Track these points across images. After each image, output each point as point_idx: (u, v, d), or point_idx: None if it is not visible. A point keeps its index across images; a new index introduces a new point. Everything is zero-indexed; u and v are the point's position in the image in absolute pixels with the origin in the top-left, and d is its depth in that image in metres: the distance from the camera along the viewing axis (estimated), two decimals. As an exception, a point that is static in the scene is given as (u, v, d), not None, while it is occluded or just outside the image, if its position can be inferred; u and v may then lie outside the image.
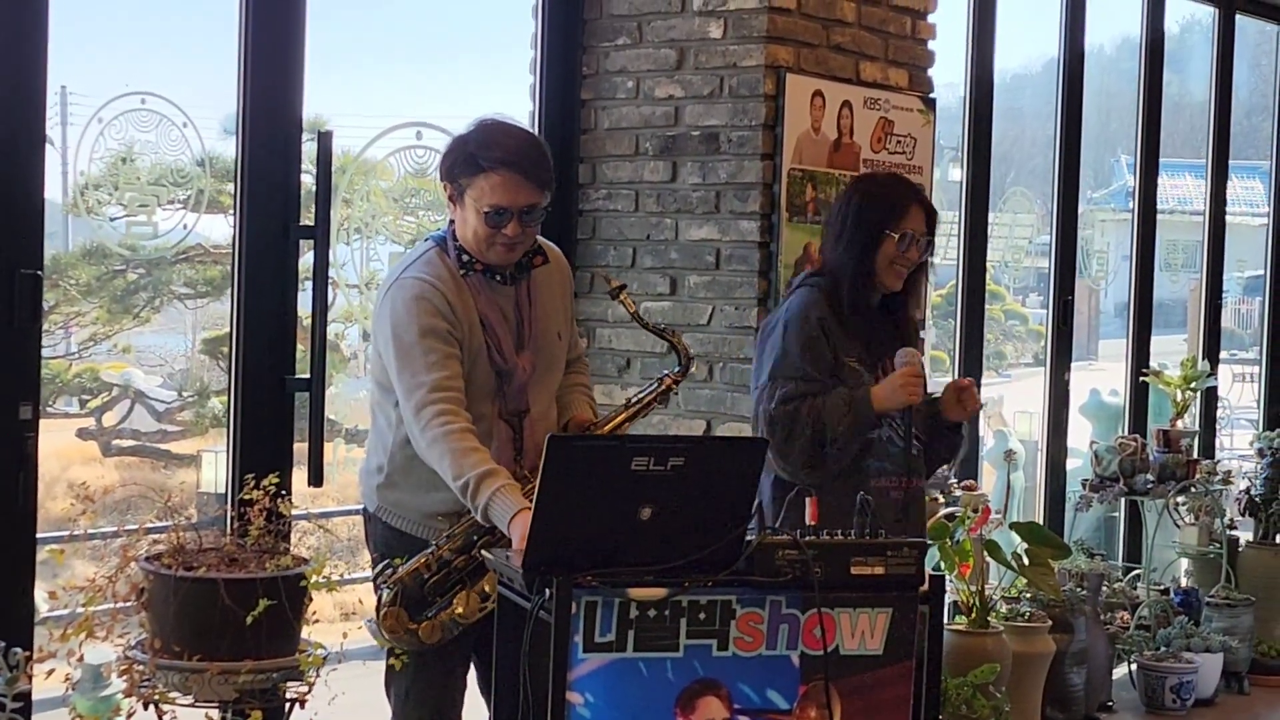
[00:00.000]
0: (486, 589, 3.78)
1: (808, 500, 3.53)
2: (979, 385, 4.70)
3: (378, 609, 3.80)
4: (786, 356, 4.34)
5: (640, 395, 4.09)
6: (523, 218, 3.88)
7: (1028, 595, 6.02)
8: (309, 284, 4.69)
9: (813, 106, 5.41)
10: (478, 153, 3.88)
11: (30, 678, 3.45)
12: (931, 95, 5.92)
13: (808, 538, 3.46)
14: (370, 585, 4.02)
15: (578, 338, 4.29)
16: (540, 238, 4.12)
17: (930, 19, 5.91)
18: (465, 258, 3.94)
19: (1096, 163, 11.35)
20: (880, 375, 4.36)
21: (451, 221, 4.00)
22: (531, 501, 3.60)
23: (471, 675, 4.14)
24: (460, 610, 3.79)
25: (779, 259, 5.32)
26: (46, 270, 4.31)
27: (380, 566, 3.87)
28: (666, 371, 4.11)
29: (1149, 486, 6.90)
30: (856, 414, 4.24)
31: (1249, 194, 11.32)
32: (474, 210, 3.87)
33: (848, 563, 3.46)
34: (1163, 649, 6.49)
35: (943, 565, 5.12)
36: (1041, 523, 6.87)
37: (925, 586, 3.54)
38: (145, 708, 3.51)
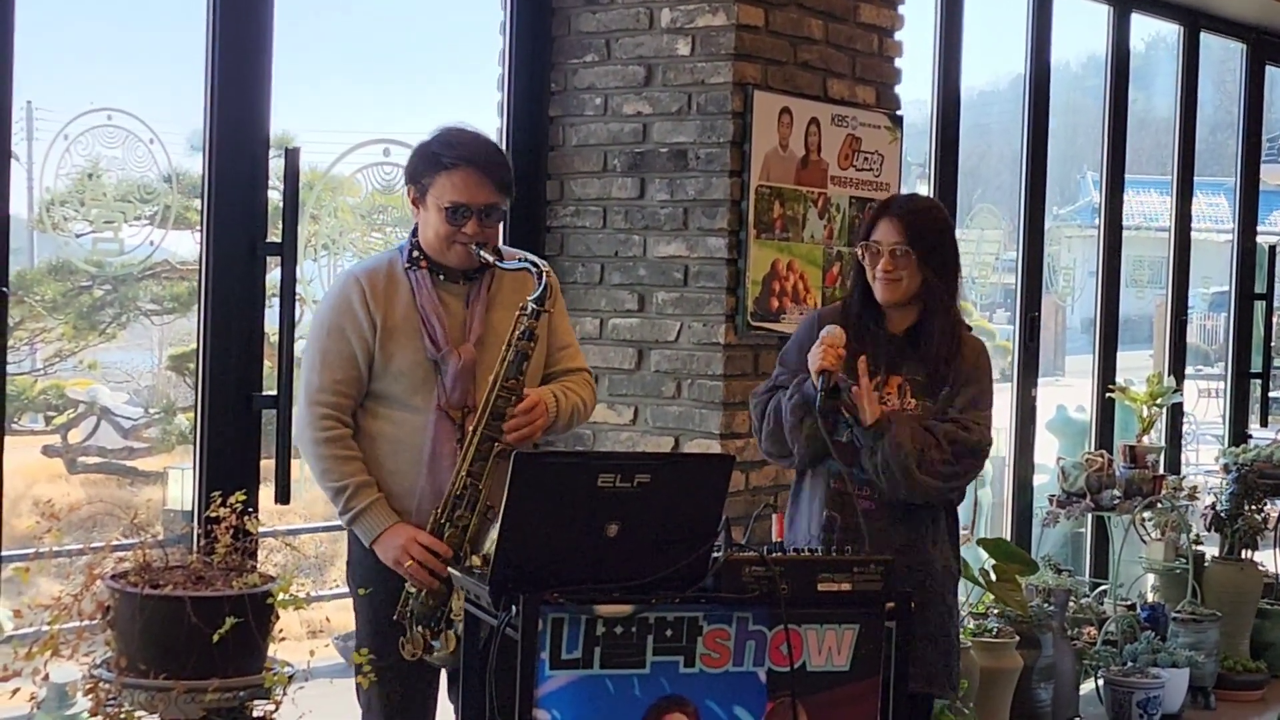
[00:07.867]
0: None
1: (774, 517, 3.53)
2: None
3: (399, 642, 3.90)
4: (782, 350, 4.49)
5: (516, 331, 3.88)
6: (481, 217, 3.95)
7: (995, 611, 6.05)
8: (276, 300, 4.69)
9: (780, 123, 5.42)
10: (440, 151, 3.98)
11: (-6, 697, 3.44)
12: (898, 112, 5.94)
13: (774, 554, 3.47)
14: (338, 601, 4.03)
15: (575, 352, 4.19)
16: (527, 254, 4.10)
17: (897, 36, 5.93)
18: (415, 254, 4.03)
19: (1063, 179, 11.41)
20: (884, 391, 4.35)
21: (415, 228, 4.07)
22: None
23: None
24: (456, 611, 3.81)
25: (747, 275, 5.33)
26: (11, 287, 4.28)
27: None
28: (531, 296, 3.91)
29: (1115, 502, 6.93)
30: (800, 389, 4.25)
31: (1214, 210, 11.39)
32: (435, 208, 3.97)
33: (814, 579, 3.47)
34: (1129, 664, 6.52)
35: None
36: (1009, 539, 6.89)
37: (891, 603, 3.55)
38: (111, 727, 3.50)
